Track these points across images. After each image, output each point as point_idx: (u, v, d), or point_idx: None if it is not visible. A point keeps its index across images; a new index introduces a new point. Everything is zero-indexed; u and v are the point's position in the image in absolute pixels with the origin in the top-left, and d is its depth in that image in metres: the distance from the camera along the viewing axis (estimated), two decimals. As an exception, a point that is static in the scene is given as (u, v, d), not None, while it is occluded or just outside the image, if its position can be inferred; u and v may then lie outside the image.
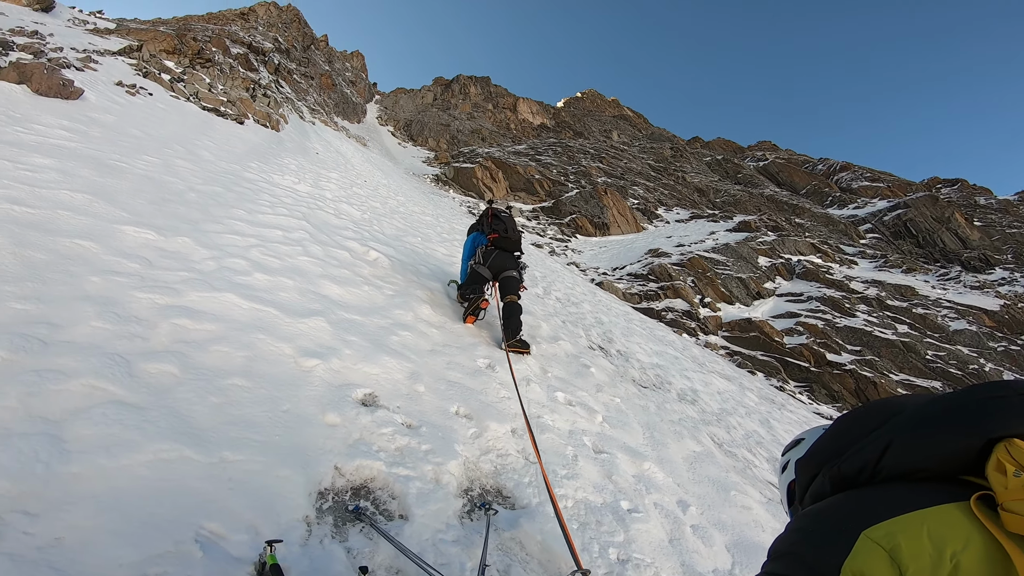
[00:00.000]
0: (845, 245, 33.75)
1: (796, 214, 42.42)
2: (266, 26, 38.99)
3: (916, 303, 23.38)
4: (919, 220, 38.91)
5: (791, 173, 58.08)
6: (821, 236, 35.21)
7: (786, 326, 20.40)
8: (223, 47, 22.77)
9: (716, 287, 22.73)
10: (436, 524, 2.08)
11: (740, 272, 24.57)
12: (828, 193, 52.26)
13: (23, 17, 13.53)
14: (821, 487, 0.92)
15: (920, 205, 40.50)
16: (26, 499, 1.44)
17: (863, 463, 0.85)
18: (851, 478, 0.86)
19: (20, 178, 3.73)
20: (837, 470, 0.89)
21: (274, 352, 2.80)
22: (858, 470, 0.85)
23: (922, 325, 21.32)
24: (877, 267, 28.82)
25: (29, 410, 1.75)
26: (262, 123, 15.26)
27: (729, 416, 6.28)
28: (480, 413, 3.14)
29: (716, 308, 21.31)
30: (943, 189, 51.29)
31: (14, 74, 6.89)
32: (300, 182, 8.86)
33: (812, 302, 22.46)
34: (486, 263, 4.87)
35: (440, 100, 67.00)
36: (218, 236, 4.28)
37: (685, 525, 2.99)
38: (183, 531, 1.52)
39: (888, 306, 22.74)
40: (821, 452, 0.96)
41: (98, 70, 10.29)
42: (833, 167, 59.68)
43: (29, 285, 2.48)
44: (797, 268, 26.28)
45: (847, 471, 0.87)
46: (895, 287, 25.16)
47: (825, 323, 20.41)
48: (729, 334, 19.43)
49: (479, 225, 5.41)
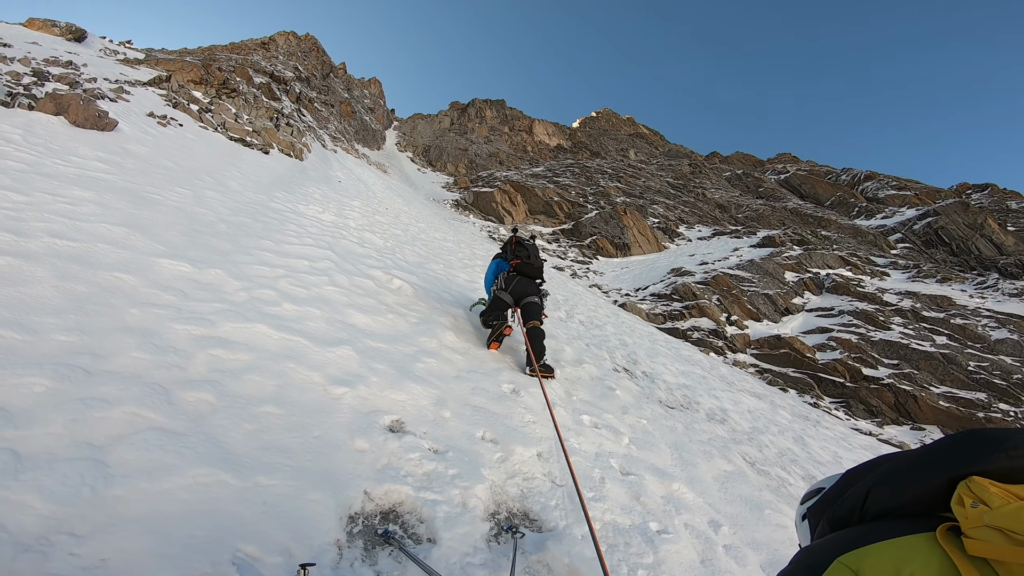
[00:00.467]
0: (875, 256, 32.79)
1: (822, 226, 41.55)
2: (286, 55, 40.38)
3: (954, 313, 22.49)
4: (951, 228, 37.68)
5: (814, 184, 57.12)
6: (850, 248, 34.34)
7: (818, 341, 19.81)
8: (247, 76, 23.50)
9: (742, 304, 22.30)
10: (464, 547, 2.09)
11: (767, 288, 24.08)
12: (854, 203, 51.14)
13: (56, 47, 14.00)
14: (823, 530, 1.06)
15: (951, 212, 39.26)
16: (72, 521, 1.51)
17: (852, 506, 0.98)
18: (843, 520, 0.99)
19: (60, 211, 3.94)
20: (832, 513, 1.03)
21: (304, 380, 2.88)
22: (848, 512, 0.99)
23: (962, 336, 20.45)
24: (910, 278, 27.90)
25: (74, 436, 1.84)
26: (286, 152, 15.73)
27: (761, 435, 6.12)
28: (505, 437, 3.14)
29: (743, 326, 20.87)
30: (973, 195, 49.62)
31: (51, 105, 7.17)
32: (324, 211, 9.12)
33: (844, 316, 21.81)
34: (508, 289, 4.99)
35: (457, 124, 68.35)
36: (248, 267, 4.43)
37: (717, 545, 2.92)
38: (220, 553, 1.57)
39: (924, 318, 21.93)
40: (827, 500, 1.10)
41: (130, 101, 10.73)
42: (857, 176, 58.51)
43: (72, 317, 2.61)
44: (826, 282, 25.63)
45: (839, 514, 1.01)
46: (930, 298, 24.27)
47: (859, 337, 19.76)
48: (758, 352, 18.96)
49: (504, 252, 5.52)
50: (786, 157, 74.77)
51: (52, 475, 1.64)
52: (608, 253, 32.42)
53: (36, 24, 16.32)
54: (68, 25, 16.69)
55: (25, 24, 16.30)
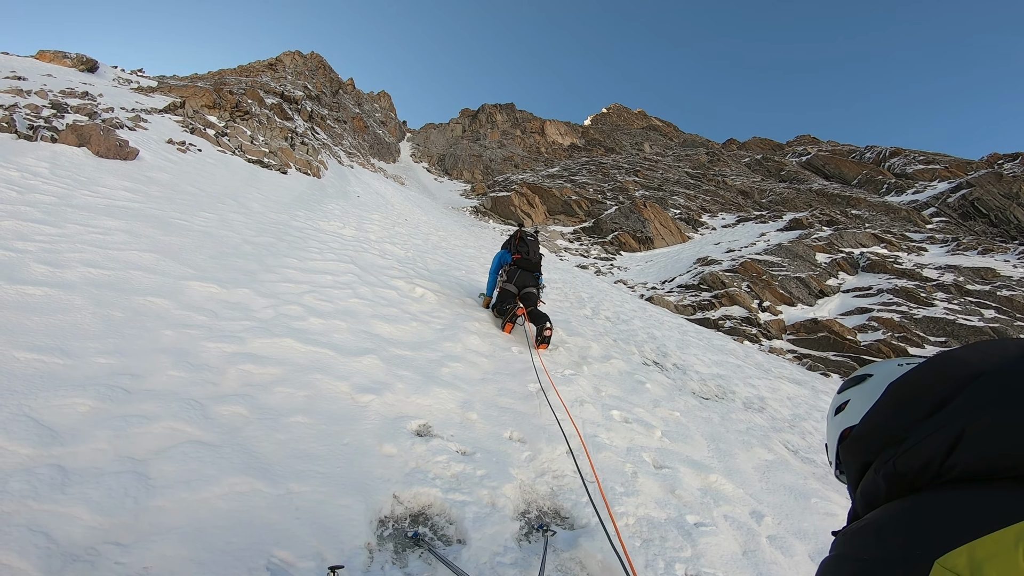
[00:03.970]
0: (911, 232, 31.56)
1: (851, 205, 40.24)
2: (294, 75, 41.17)
3: (999, 285, 21.43)
4: (987, 198, 36.00)
5: (838, 164, 55.38)
6: (883, 225, 33.17)
7: (858, 323, 19.15)
8: (258, 98, 23.95)
9: (774, 289, 21.74)
10: (494, 547, 2.09)
11: (798, 272, 23.43)
12: (882, 181, 49.36)
13: (71, 78, 14.39)
14: (874, 486, 0.73)
15: (985, 183, 37.51)
16: (118, 531, 1.58)
17: (927, 459, 0.64)
18: (910, 478, 0.67)
19: (93, 241, 4.12)
20: (892, 467, 0.69)
21: (332, 390, 2.94)
22: (920, 468, 0.65)
23: (1010, 307, 19.47)
24: (950, 251, 26.73)
25: (117, 451, 1.92)
26: (303, 171, 16.03)
27: (803, 421, 5.93)
28: (533, 436, 3.14)
29: (777, 311, 20.33)
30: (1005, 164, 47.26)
31: (73, 137, 7.37)
32: (345, 226, 9.30)
33: (884, 295, 21.02)
34: (511, 280, 5.72)
35: (469, 131, 68.82)
36: (274, 285, 4.55)
37: (760, 536, 2.83)
38: (256, 559, 1.61)
39: (969, 291, 20.97)
40: (872, 435, 0.75)
41: (148, 128, 10.99)
42: (883, 153, 56.45)
43: (110, 341, 2.73)
44: (861, 261, 24.77)
45: (904, 469, 0.67)
46: (973, 270, 23.20)
47: (901, 315, 19.01)
48: (795, 337, 18.43)
49: (508, 244, 6.21)
50: (805, 139, 72.75)
51: (98, 488, 1.72)
52: (631, 248, 32.09)
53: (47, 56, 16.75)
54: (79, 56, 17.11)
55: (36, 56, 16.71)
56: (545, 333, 5.09)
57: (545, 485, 2.68)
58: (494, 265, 6.16)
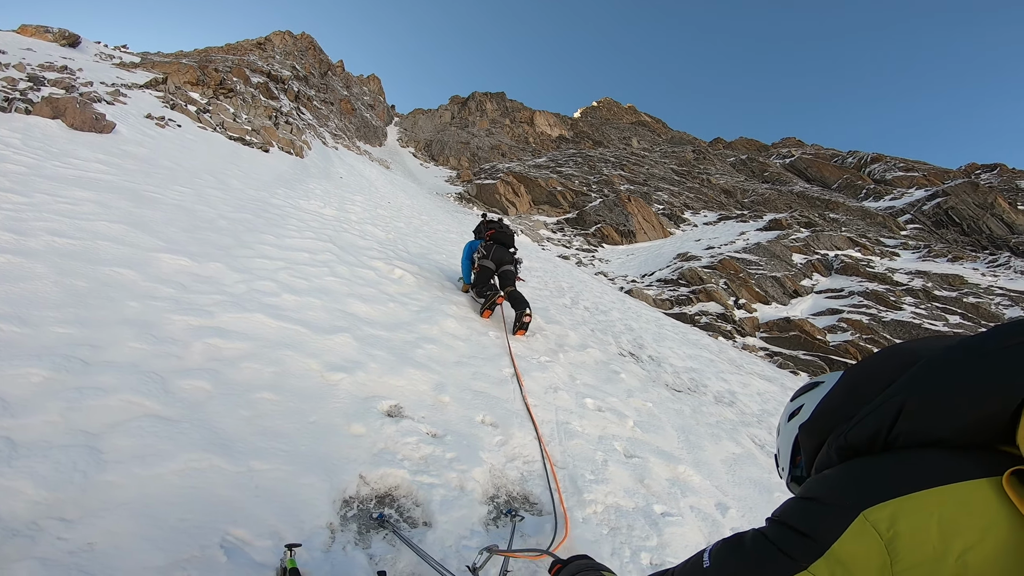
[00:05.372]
0: (885, 237, 32.35)
1: (830, 209, 41.05)
2: (283, 55, 40.16)
3: (966, 291, 22.16)
4: (961, 208, 37.07)
5: (820, 168, 56.32)
6: (859, 229, 33.92)
7: (828, 323, 19.61)
8: (244, 77, 23.45)
9: (750, 288, 22.11)
10: (460, 531, 2.07)
11: (774, 271, 23.85)
12: (861, 186, 50.40)
13: (51, 53, 13.98)
14: (827, 459, 0.79)
15: (960, 192, 38.61)
16: (63, 506, 1.52)
17: (873, 431, 0.71)
18: (861, 450, 0.73)
19: (61, 211, 3.96)
20: (844, 440, 0.75)
21: (302, 367, 2.87)
22: (868, 440, 0.72)
23: (975, 314, 20.17)
24: (921, 257, 27.50)
25: (70, 424, 1.84)
26: (286, 150, 15.74)
27: (771, 417, 6.06)
28: (506, 421, 3.12)
29: (752, 309, 20.70)
30: (982, 175, 48.67)
31: (48, 109, 7.20)
32: (326, 206, 9.11)
33: (854, 297, 21.55)
34: (489, 256, 5.67)
35: (458, 118, 68.01)
36: (248, 260, 4.43)
37: (724, 528, 2.88)
38: (210, 536, 1.56)
39: (936, 297, 21.63)
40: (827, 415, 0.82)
41: (127, 103, 10.77)
42: (864, 159, 57.57)
43: (71, 311, 2.62)
44: (835, 263, 25.33)
45: (855, 440, 0.74)
46: (942, 277, 23.93)
47: (870, 318, 19.53)
48: (768, 335, 18.81)
49: (478, 231, 6.27)
50: (791, 141, 73.72)
51: (45, 461, 1.64)
52: (613, 241, 32.25)
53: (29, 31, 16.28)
54: (61, 31, 16.67)
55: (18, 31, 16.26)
56: (524, 319, 5.12)
57: (515, 470, 2.67)
58: (465, 253, 6.21)
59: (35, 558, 1.33)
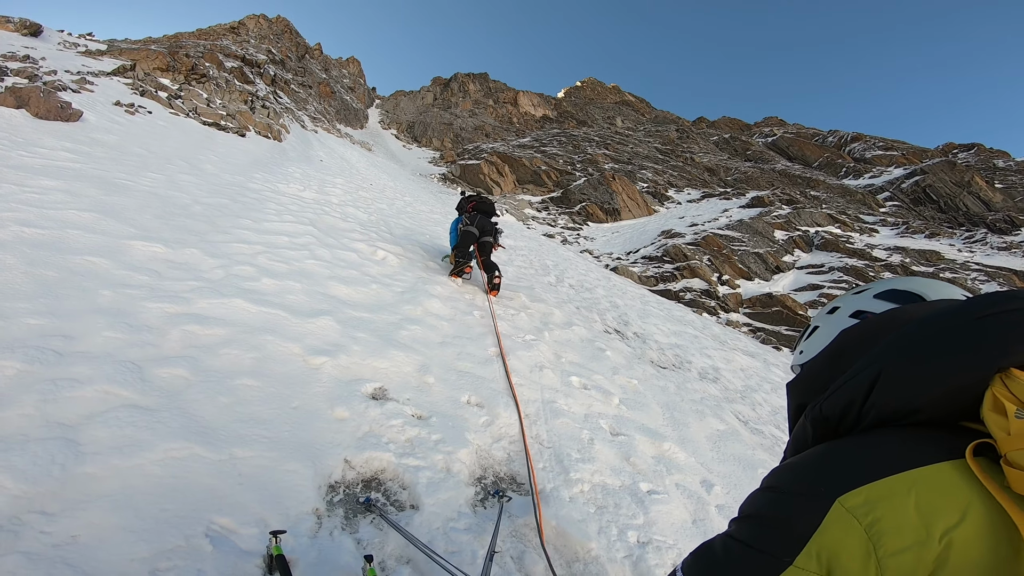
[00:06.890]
0: (864, 215, 32.85)
1: (811, 186, 41.46)
2: (258, 39, 38.93)
3: (943, 267, 22.70)
4: (938, 186, 37.72)
5: (801, 147, 56.70)
6: (839, 207, 34.38)
7: (809, 299, 19.98)
8: (216, 62, 22.78)
9: (733, 264, 22.36)
10: (447, 512, 2.08)
11: (757, 247, 24.14)
12: (842, 164, 50.92)
13: (12, 42, 13.47)
14: (803, 431, 0.77)
15: (938, 171, 39.24)
16: (44, 500, 1.49)
17: (848, 401, 0.68)
18: (834, 422, 0.71)
19: (28, 200, 3.83)
20: (819, 411, 0.73)
21: (283, 352, 2.83)
22: (842, 411, 0.69)
23: (950, 289, 20.73)
24: (899, 234, 28.03)
25: (46, 416, 1.80)
26: (263, 135, 15.39)
27: (754, 393, 6.17)
28: (491, 401, 3.13)
29: (735, 285, 20.97)
30: (960, 154, 49.40)
31: (11, 99, 6.96)
32: (305, 189, 8.93)
33: (834, 272, 21.94)
34: (473, 224, 5.97)
35: (440, 100, 66.81)
36: (225, 245, 4.33)
37: (710, 505, 2.92)
38: (193, 526, 1.55)
39: (914, 272, 22.13)
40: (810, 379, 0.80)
41: (95, 91, 10.42)
42: (844, 138, 58.06)
43: (42, 301, 2.54)
44: (816, 240, 25.71)
45: (829, 412, 0.71)
46: (920, 252, 24.45)
47: (848, 293, 19.96)
48: (751, 310, 19.11)
49: (460, 207, 6.52)
50: (773, 121, 73.88)
51: (23, 455, 1.61)
52: (598, 219, 32.25)
53: None
54: (22, 20, 16.02)
55: None
56: (495, 280, 5.63)
57: (502, 450, 2.69)
58: (453, 227, 6.43)
59: (20, 552, 1.31)
